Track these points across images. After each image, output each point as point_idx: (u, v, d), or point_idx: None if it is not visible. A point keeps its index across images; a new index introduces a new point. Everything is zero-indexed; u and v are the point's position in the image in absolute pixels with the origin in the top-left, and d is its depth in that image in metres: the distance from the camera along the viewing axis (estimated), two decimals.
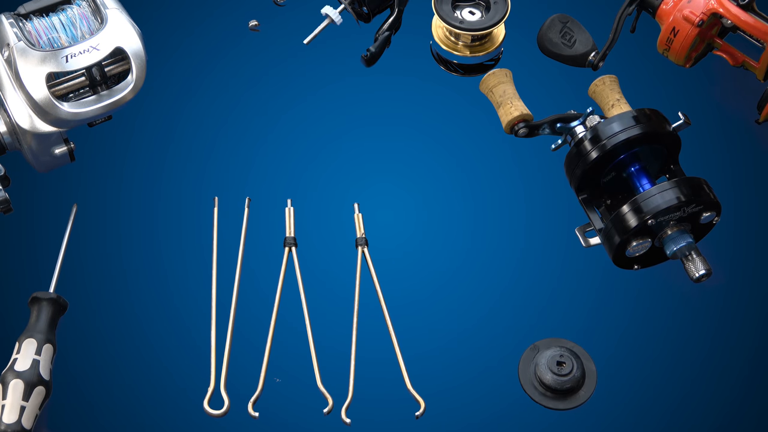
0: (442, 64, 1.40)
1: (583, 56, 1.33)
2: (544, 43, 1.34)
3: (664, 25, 1.32)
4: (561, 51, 1.33)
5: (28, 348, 1.12)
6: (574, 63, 1.33)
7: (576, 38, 1.33)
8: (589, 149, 1.20)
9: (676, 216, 1.17)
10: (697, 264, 1.18)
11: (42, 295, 1.16)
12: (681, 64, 1.33)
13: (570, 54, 1.33)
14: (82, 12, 1.21)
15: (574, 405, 1.16)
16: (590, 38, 1.33)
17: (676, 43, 1.31)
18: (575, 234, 1.24)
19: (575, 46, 1.33)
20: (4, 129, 1.21)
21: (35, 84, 1.16)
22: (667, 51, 1.33)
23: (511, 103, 1.26)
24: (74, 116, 1.18)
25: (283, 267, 1.24)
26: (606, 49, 1.32)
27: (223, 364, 1.18)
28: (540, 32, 1.34)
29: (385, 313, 1.21)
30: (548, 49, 1.34)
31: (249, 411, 1.15)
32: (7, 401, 1.08)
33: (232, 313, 1.21)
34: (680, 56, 1.32)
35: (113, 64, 1.22)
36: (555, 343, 1.19)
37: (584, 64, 1.33)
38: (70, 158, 1.24)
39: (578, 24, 1.34)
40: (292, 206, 1.28)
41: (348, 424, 1.14)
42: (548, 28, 1.34)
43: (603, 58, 1.32)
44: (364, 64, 1.34)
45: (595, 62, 1.32)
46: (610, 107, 1.26)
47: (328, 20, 1.35)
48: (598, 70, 1.33)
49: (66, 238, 1.23)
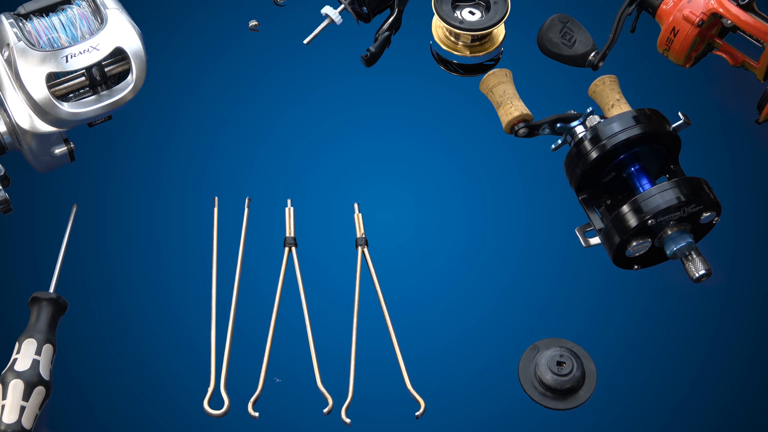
0: (442, 64, 1.40)
1: (583, 56, 1.33)
2: (544, 43, 1.34)
3: (664, 25, 1.32)
4: (561, 51, 1.33)
5: (28, 348, 1.12)
6: (574, 63, 1.33)
7: (576, 38, 1.33)
8: (589, 149, 1.20)
9: (676, 216, 1.17)
10: (697, 264, 1.18)
11: (42, 295, 1.16)
12: (681, 64, 1.33)
13: (570, 54, 1.33)
14: (82, 12, 1.21)
15: (574, 405, 1.16)
16: (590, 38, 1.33)
17: (676, 43, 1.31)
18: (575, 234, 1.24)
19: (575, 46, 1.33)
20: (4, 129, 1.21)
21: (35, 84, 1.16)
22: (667, 51, 1.33)
23: (511, 103, 1.26)
24: (74, 116, 1.18)
25: (283, 267, 1.24)
26: (606, 49, 1.32)
27: (223, 364, 1.18)
28: (540, 32, 1.34)
29: (385, 313, 1.21)
30: (548, 49, 1.34)
31: (249, 411, 1.15)
32: (7, 401, 1.08)
33: (232, 313, 1.21)
34: (680, 56, 1.32)
35: (113, 64, 1.22)
36: (555, 343, 1.19)
37: (584, 64, 1.33)
38: (70, 158, 1.24)
39: (578, 24, 1.34)
40: (292, 206, 1.28)
41: (348, 424, 1.14)
42: (548, 28, 1.34)
43: (603, 58, 1.32)
44: (364, 64, 1.34)
45: (595, 62, 1.32)
46: (610, 107, 1.26)
47: (328, 20, 1.35)
48: (598, 70, 1.33)
49: (66, 238, 1.23)
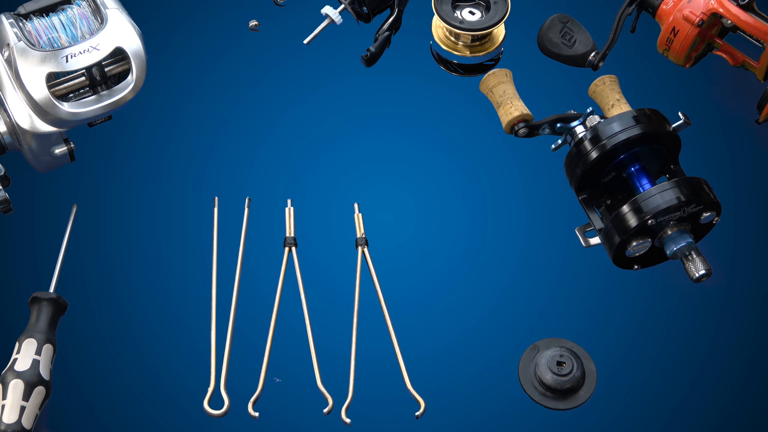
0: (442, 64, 1.40)
1: (583, 56, 1.33)
2: (544, 43, 1.34)
3: (664, 25, 1.32)
4: (561, 51, 1.33)
5: (28, 348, 1.12)
6: (574, 63, 1.33)
7: (576, 38, 1.33)
8: (589, 149, 1.20)
9: (676, 216, 1.17)
10: (697, 264, 1.18)
11: (42, 295, 1.16)
12: (681, 64, 1.33)
13: (570, 54, 1.33)
14: (82, 12, 1.21)
15: (574, 405, 1.16)
16: (590, 38, 1.33)
17: (676, 43, 1.31)
18: (575, 234, 1.24)
19: (575, 46, 1.33)
20: (4, 129, 1.21)
21: (35, 84, 1.16)
22: (667, 51, 1.33)
23: (511, 103, 1.26)
24: (74, 116, 1.18)
25: (283, 267, 1.24)
26: (606, 49, 1.32)
27: (223, 364, 1.18)
28: (540, 32, 1.34)
29: (385, 313, 1.21)
30: (548, 49, 1.34)
31: (249, 411, 1.15)
32: (7, 401, 1.08)
33: (232, 313, 1.21)
34: (680, 56, 1.32)
35: (113, 64, 1.22)
36: (555, 343, 1.19)
37: (584, 64, 1.33)
38: (70, 158, 1.24)
39: (578, 24, 1.34)
40: (292, 206, 1.28)
41: (348, 424, 1.14)
42: (548, 28, 1.34)
43: (603, 58, 1.32)
44: (364, 64, 1.34)
45: (595, 62, 1.32)
46: (610, 107, 1.26)
47: (328, 20, 1.35)
48: (598, 70, 1.33)
49: (66, 238, 1.23)
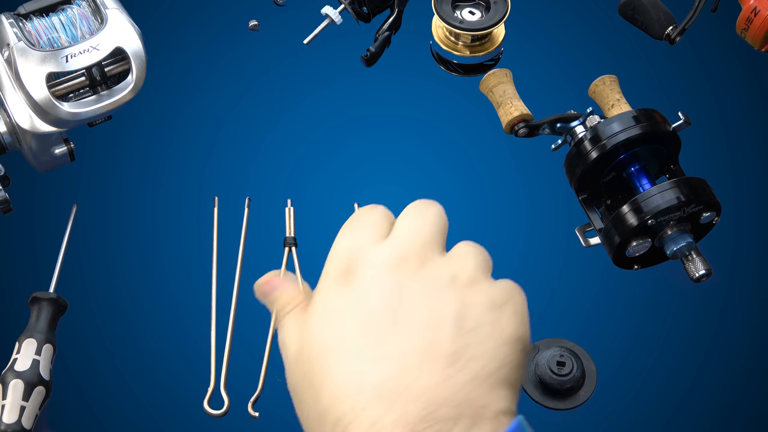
0: (442, 64, 1.40)
1: (663, 24, 1.31)
2: (635, 3, 1.31)
3: (745, 4, 1.29)
4: (648, 13, 1.31)
5: (28, 348, 1.12)
6: (652, 29, 1.31)
7: (662, 9, 1.31)
8: (589, 149, 1.20)
9: (676, 216, 1.17)
10: (697, 264, 1.18)
11: (42, 295, 1.16)
12: (757, 47, 1.30)
13: (656, 18, 1.30)
14: (82, 12, 1.21)
15: (574, 405, 1.16)
16: (670, 13, 1.31)
17: (755, 23, 1.27)
18: (575, 234, 1.24)
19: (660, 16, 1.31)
20: (4, 129, 1.21)
21: (35, 84, 1.16)
22: (746, 32, 1.29)
23: (511, 103, 1.26)
24: (74, 116, 1.18)
25: (283, 267, 1.24)
26: (685, 24, 1.29)
27: (223, 364, 1.18)
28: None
29: None
30: (635, 8, 1.31)
31: (249, 411, 1.15)
32: (7, 401, 1.08)
33: (232, 313, 1.21)
34: (757, 39, 1.29)
35: (113, 64, 1.22)
36: (555, 343, 1.19)
37: (661, 36, 1.30)
38: (70, 158, 1.24)
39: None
40: (292, 206, 1.28)
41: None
42: None
43: (682, 33, 1.29)
44: (364, 64, 1.34)
45: (673, 36, 1.28)
46: (610, 107, 1.26)
47: (328, 20, 1.35)
48: (674, 44, 1.30)
49: (66, 238, 1.23)
